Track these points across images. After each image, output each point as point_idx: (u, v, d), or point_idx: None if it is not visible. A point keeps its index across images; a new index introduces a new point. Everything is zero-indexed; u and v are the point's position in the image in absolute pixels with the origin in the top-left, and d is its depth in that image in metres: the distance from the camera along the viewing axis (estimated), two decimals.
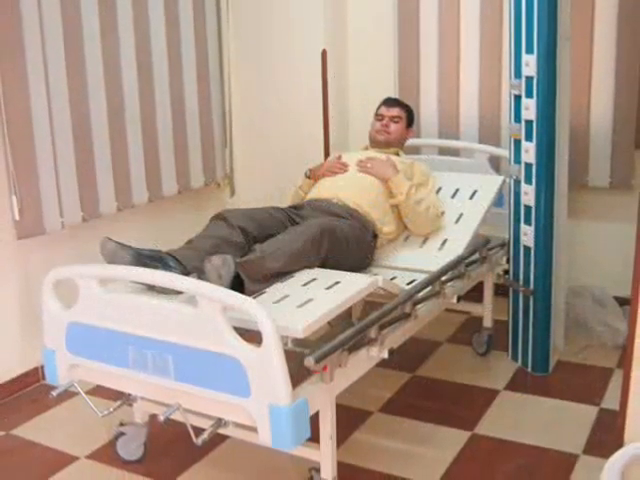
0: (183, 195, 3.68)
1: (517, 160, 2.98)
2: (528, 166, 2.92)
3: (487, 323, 3.29)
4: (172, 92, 3.51)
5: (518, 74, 2.88)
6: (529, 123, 2.87)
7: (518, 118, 2.93)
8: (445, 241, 2.97)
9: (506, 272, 3.22)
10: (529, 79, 2.83)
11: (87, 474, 2.48)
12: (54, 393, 2.19)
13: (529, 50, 2.80)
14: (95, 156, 3.15)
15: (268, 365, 1.82)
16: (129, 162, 3.32)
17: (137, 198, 3.38)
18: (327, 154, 3.81)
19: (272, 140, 4.01)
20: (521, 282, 3.08)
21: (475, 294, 3.20)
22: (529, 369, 3.10)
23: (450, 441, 2.59)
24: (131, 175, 3.34)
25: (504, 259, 3.22)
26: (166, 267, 2.24)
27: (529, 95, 2.84)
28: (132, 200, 3.36)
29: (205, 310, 1.88)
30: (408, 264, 2.85)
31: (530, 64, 2.80)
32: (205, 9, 3.67)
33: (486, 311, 3.28)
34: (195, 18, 3.60)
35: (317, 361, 1.92)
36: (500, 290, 3.31)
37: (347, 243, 2.63)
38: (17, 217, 2.85)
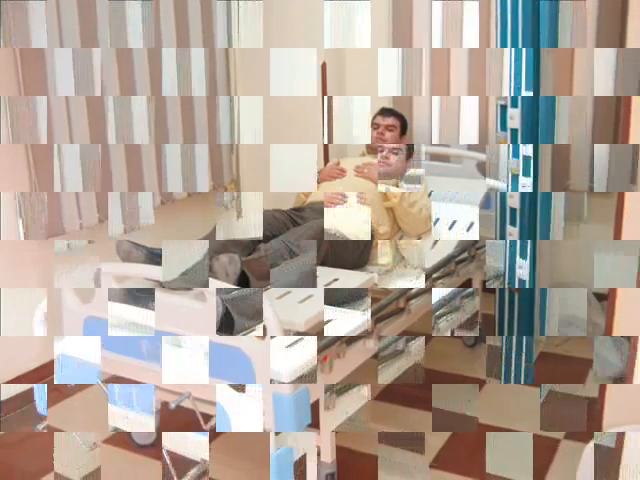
0: (192, 198, 3.68)
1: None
2: None
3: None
4: (183, 104, 3.50)
5: None
6: (514, 131, 2.87)
7: (504, 126, 2.93)
8: (436, 241, 2.97)
9: None
10: None
11: (104, 457, 2.47)
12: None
13: None
14: (111, 163, 3.14)
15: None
16: (142, 168, 3.32)
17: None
18: (326, 160, 3.81)
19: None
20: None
21: None
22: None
23: None
24: (144, 180, 3.33)
25: None
26: None
27: (514, 105, 2.84)
28: None
29: (213, 305, 1.88)
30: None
31: None
32: (214, 24, 3.66)
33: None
34: (204, 32, 3.59)
35: (317, 352, 1.93)
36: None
37: (345, 243, 2.63)
38: None
